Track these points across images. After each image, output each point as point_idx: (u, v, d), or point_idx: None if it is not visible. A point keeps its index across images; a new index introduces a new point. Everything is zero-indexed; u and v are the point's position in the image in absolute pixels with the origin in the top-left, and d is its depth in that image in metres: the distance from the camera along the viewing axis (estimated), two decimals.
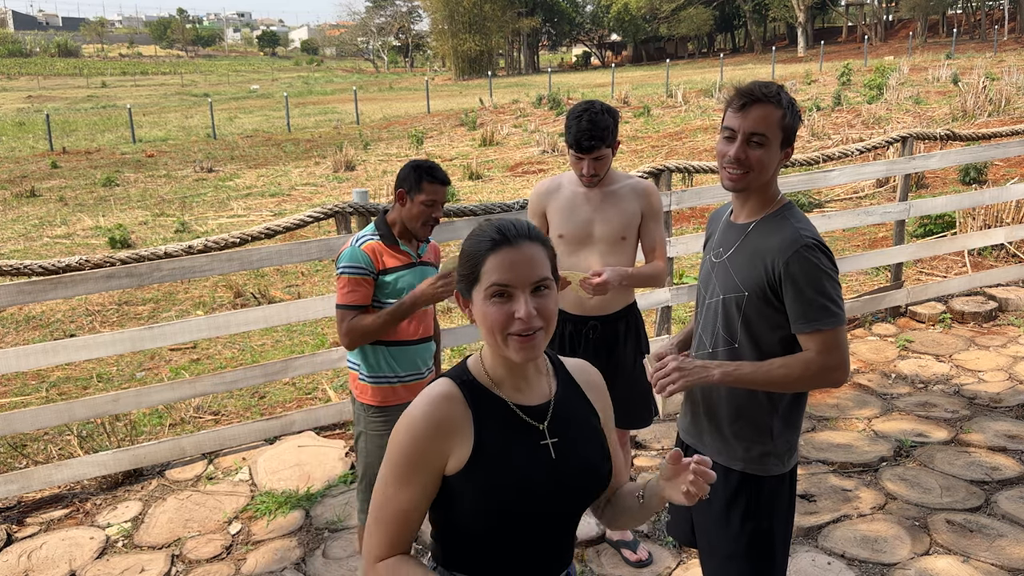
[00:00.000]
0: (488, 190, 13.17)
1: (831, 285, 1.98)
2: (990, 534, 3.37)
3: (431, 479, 1.46)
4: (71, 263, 3.83)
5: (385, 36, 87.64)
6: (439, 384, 1.50)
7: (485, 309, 1.45)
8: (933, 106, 17.71)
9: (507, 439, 1.49)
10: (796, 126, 2.02)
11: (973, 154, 6.38)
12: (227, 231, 9.70)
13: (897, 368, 5.14)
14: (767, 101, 1.97)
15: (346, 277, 2.74)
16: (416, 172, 2.76)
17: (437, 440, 1.45)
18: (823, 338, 1.97)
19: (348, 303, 2.74)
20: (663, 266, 3.12)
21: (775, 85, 2.01)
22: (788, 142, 2.03)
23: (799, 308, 1.97)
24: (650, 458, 4.16)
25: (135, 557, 3.51)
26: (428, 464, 1.45)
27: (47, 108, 32.51)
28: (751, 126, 1.97)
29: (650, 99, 25.49)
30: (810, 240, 1.98)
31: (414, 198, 2.76)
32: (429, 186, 2.75)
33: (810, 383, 2.02)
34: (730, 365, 2.02)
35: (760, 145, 1.98)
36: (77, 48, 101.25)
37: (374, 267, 2.75)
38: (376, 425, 2.88)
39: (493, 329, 1.44)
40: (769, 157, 2.00)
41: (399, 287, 2.79)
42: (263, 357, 6.01)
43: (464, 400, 1.48)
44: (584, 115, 2.91)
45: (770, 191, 2.08)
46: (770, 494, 2.14)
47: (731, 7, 62.53)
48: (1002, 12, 50.54)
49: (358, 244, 2.77)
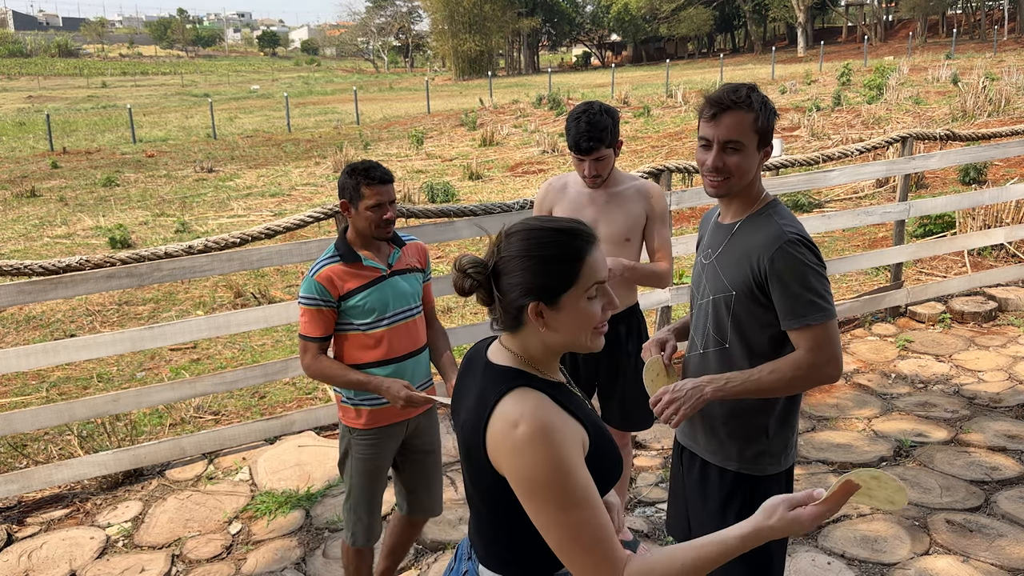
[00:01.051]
0: (488, 190, 13.17)
1: (817, 280, 1.96)
2: (990, 534, 3.38)
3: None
4: (71, 263, 3.84)
5: (385, 36, 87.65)
6: (530, 397, 1.42)
7: (588, 308, 1.44)
8: (933, 106, 17.71)
9: (584, 408, 1.51)
10: (771, 124, 2.01)
11: (973, 154, 6.38)
12: (227, 231, 9.71)
13: (897, 368, 5.14)
14: (737, 107, 1.96)
15: (303, 308, 2.62)
16: (352, 178, 2.58)
17: (574, 439, 1.40)
18: (812, 334, 1.96)
19: (308, 335, 2.64)
20: (667, 267, 3.11)
21: (745, 88, 2.00)
22: (765, 142, 2.02)
23: (786, 304, 1.96)
24: (650, 458, 4.16)
25: (135, 557, 3.51)
26: (583, 464, 1.39)
27: (47, 108, 32.51)
28: (724, 134, 1.98)
29: (650, 99, 25.50)
30: (794, 236, 1.97)
31: (358, 206, 2.58)
32: (368, 189, 2.56)
33: (803, 383, 2.00)
34: (720, 380, 2.00)
35: (736, 151, 1.99)
36: (77, 48, 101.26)
37: (330, 295, 2.59)
38: (362, 448, 2.74)
39: (588, 326, 1.46)
40: (747, 161, 2.00)
41: (370, 306, 2.63)
42: (263, 357, 6.01)
43: (549, 397, 1.44)
44: (582, 117, 2.90)
45: (753, 191, 2.08)
46: (766, 494, 2.13)
47: (731, 7, 62.52)
48: (1002, 12, 50.54)
49: (312, 274, 2.61)
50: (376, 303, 2.64)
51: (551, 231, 1.45)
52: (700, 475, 2.20)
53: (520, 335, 1.48)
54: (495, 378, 1.48)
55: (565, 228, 1.46)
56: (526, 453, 1.35)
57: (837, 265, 5.89)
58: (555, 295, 1.43)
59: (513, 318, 1.46)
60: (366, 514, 2.81)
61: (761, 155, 2.04)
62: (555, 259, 1.43)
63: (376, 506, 2.84)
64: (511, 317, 1.46)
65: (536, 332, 1.46)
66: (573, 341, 1.47)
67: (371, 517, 2.82)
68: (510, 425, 1.38)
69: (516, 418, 1.38)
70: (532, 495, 1.36)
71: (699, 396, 1.99)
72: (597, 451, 1.46)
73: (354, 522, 2.82)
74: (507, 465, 1.39)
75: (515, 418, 1.38)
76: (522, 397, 1.42)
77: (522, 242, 1.44)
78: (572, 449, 1.37)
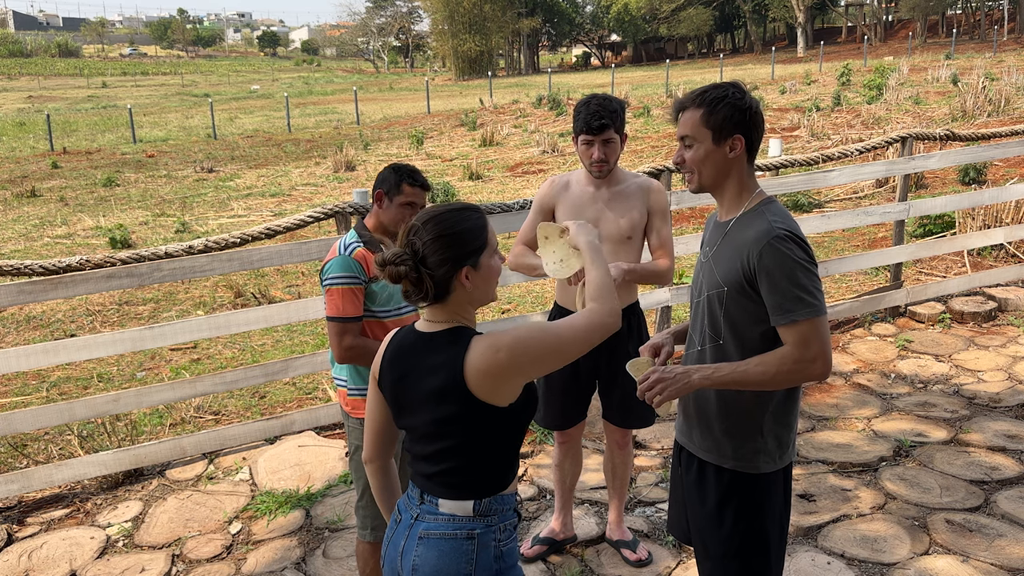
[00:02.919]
0: (488, 190, 13.18)
1: (806, 276, 1.97)
2: (989, 534, 3.38)
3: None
4: (71, 263, 3.84)
5: (385, 36, 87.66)
6: (487, 335, 1.78)
7: (495, 264, 1.84)
8: (933, 106, 17.72)
9: None
10: (727, 116, 2.03)
11: (973, 154, 6.38)
12: (227, 231, 9.71)
13: (897, 368, 5.14)
14: (688, 107, 2.09)
15: (339, 288, 2.63)
16: (397, 174, 2.71)
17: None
18: (799, 330, 1.96)
19: (347, 315, 2.63)
20: (668, 264, 3.11)
21: (707, 88, 2.09)
22: (725, 134, 2.04)
23: (775, 300, 1.98)
24: (650, 458, 4.16)
25: (135, 557, 3.52)
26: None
27: (48, 108, 32.50)
28: (679, 131, 2.13)
29: (650, 99, 25.50)
30: (783, 231, 1.98)
31: (393, 199, 2.71)
32: (409, 188, 2.70)
33: (789, 378, 2.00)
34: (708, 368, 2.03)
35: (689, 147, 2.10)
36: (77, 48, 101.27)
37: (365, 275, 2.65)
38: None
39: (497, 277, 1.85)
40: (702, 155, 2.07)
41: (388, 293, 2.70)
42: (263, 357, 6.01)
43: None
44: (592, 100, 2.97)
45: (741, 187, 2.11)
46: (763, 493, 2.14)
47: (731, 7, 62.52)
48: (1001, 12, 50.56)
49: (348, 252, 2.66)
50: (395, 290, 2.71)
51: (456, 211, 1.81)
52: (698, 475, 2.21)
53: (447, 304, 1.81)
54: (449, 338, 1.80)
55: (463, 206, 1.84)
56: (515, 349, 1.72)
57: (837, 265, 5.89)
58: (476, 257, 1.79)
59: (443, 289, 1.78)
60: None
61: (725, 148, 2.06)
62: (469, 230, 1.79)
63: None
64: (441, 288, 1.78)
65: (464, 294, 1.80)
66: (491, 292, 1.85)
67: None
68: (492, 351, 1.73)
69: (496, 347, 1.73)
70: (533, 345, 1.75)
71: (686, 381, 2.02)
72: (528, 392, 1.84)
73: (372, 516, 2.80)
74: (503, 368, 1.72)
75: (495, 347, 1.73)
76: (483, 338, 1.77)
77: (437, 225, 1.77)
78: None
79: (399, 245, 1.80)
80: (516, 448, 1.86)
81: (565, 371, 3.21)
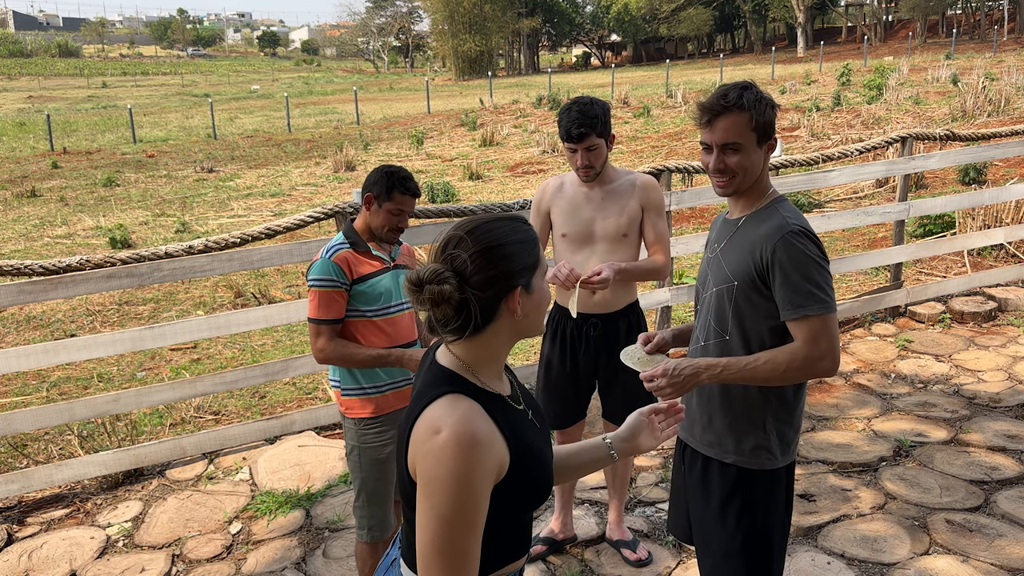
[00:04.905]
0: (488, 190, 13.18)
1: (818, 272, 1.97)
2: (989, 534, 3.38)
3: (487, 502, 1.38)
4: (72, 263, 3.84)
5: (385, 36, 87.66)
6: (461, 405, 1.39)
7: (545, 287, 1.49)
8: (933, 106, 17.72)
9: (520, 427, 1.48)
10: (768, 119, 2.03)
11: (973, 154, 6.38)
12: (227, 231, 9.72)
13: (897, 368, 5.14)
14: (728, 111, 2.01)
15: (317, 291, 2.65)
16: (388, 180, 2.69)
17: (491, 460, 1.37)
18: (809, 325, 1.97)
19: (322, 317, 2.67)
20: (663, 260, 3.12)
21: (736, 88, 2.03)
22: (766, 136, 2.05)
23: (786, 294, 1.98)
24: (650, 458, 4.16)
25: (135, 557, 3.52)
26: (489, 487, 1.37)
27: (48, 108, 32.50)
28: (721, 138, 2.02)
29: (650, 99, 25.50)
30: (797, 227, 1.99)
31: (382, 205, 2.70)
32: (400, 196, 2.69)
33: (798, 374, 2.00)
34: (716, 364, 2.02)
35: (735, 151, 2.03)
36: (77, 48, 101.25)
37: (346, 278, 2.67)
38: (370, 438, 2.78)
39: (547, 304, 1.50)
40: (748, 160, 2.04)
41: (378, 292, 2.72)
42: (263, 357, 6.01)
43: (482, 409, 1.41)
44: (573, 107, 2.97)
45: (761, 186, 2.11)
46: (765, 491, 2.14)
47: (731, 7, 62.51)
48: (1001, 12, 50.54)
49: (329, 255, 2.68)
50: (384, 289, 2.74)
51: (504, 220, 1.46)
52: (701, 473, 2.21)
53: (478, 338, 1.44)
54: (434, 380, 1.45)
55: (510, 216, 1.49)
56: (437, 457, 1.33)
57: (837, 265, 5.89)
58: (529, 277, 1.44)
59: (488, 316, 1.42)
60: (379, 506, 2.83)
61: (764, 149, 2.07)
62: (521, 242, 1.44)
63: (389, 496, 2.86)
64: (487, 313, 1.42)
65: (510, 324, 1.45)
66: (540, 322, 1.50)
67: (384, 508, 2.85)
68: (432, 431, 1.36)
69: (440, 424, 1.36)
70: (425, 495, 1.35)
71: (693, 380, 2.02)
72: (523, 471, 1.43)
73: (368, 516, 2.83)
74: (420, 467, 1.36)
75: (439, 424, 1.36)
76: (453, 404, 1.38)
77: (485, 236, 1.41)
78: (482, 470, 1.35)
79: (433, 259, 1.44)
80: (497, 533, 1.45)
81: (565, 370, 3.22)
